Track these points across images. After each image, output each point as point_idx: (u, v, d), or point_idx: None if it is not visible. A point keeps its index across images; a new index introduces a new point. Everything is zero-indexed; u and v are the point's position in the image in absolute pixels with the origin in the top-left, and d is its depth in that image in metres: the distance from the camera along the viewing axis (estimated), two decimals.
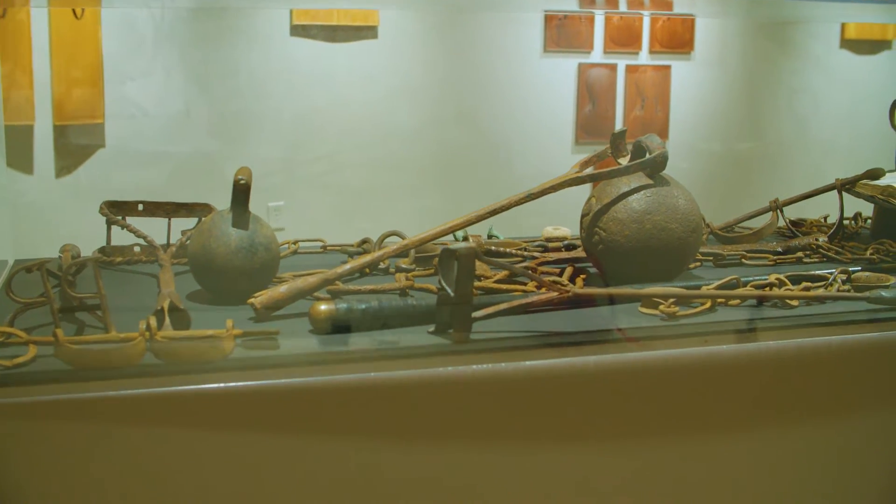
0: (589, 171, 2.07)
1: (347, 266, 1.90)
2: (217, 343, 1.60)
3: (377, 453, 1.61)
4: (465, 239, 2.46)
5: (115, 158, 4.71)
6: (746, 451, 1.85)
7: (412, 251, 2.13)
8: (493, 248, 2.29)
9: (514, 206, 2.01)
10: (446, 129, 5.69)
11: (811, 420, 1.89)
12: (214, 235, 1.92)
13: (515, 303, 1.77)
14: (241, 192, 1.92)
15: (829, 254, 2.40)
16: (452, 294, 1.71)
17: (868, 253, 2.40)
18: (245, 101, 5.10)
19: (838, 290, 2.03)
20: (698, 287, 1.98)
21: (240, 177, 1.91)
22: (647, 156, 2.07)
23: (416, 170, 5.65)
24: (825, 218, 2.78)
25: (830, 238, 2.51)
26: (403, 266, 2.15)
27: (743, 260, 2.36)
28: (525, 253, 2.28)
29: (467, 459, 1.66)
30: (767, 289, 1.98)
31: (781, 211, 2.61)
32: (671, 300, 1.86)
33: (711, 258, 2.34)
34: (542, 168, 5.92)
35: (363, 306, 1.78)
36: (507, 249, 2.29)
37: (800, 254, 2.40)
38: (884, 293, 1.95)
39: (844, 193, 2.59)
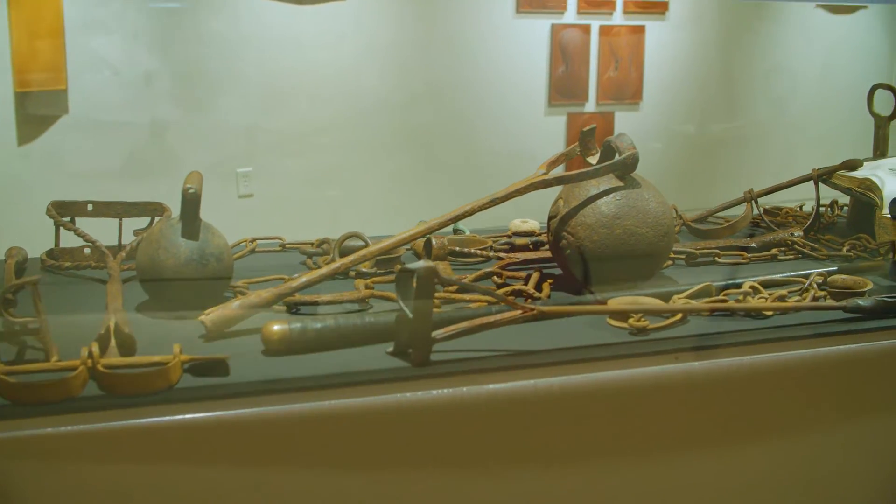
0: (558, 171, 1.98)
1: (303, 279, 1.81)
2: (163, 372, 1.51)
3: (335, 484, 1.54)
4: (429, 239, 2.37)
5: (80, 126, 4.59)
6: (719, 468, 1.79)
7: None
8: (457, 248, 2.20)
9: (478, 211, 1.93)
10: (417, 92, 5.60)
11: (786, 434, 1.83)
12: (163, 247, 1.83)
13: (477, 322, 1.69)
14: (191, 202, 1.82)
15: (805, 250, 2.33)
16: (411, 315, 1.62)
17: (844, 249, 2.32)
18: (212, 66, 4.99)
19: (814, 297, 1.95)
20: (669, 296, 1.91)
21: (189, 186, 1.82)
22: (618, 157, 1.98)
23: (387, 132, 5.56)
24: (801, 206, 2.71)
25: (806, 231, 2.44)
26: (364, 270, 2.06)
27: (716, 259, 2.28)
28: (491, 253, 2.19)
29: (428, 486, 1.59)
30: (741, 297, 1.89)
31: (756, 202, 2.53)
32: (640, 315, 1.78)
33: (684, 256, 2.26)
34: (515, 130, 5.84)
35: (318, 325, 1.70)
36: (472, 249, 2.20)
37: (775, 251, 2.32)
38: (860, 302, 1.88)
39: (821, 184, 2.50)
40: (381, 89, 5.47)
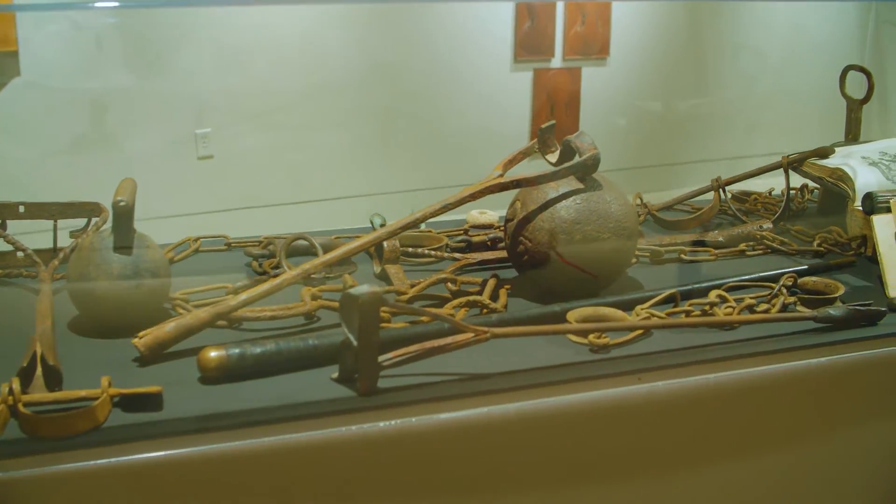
0: (520, 173, 1.88)
1: (242, 296, 1.70)
2: (89, 412, 1.40)
3: None
4: (383, 226, 2.26)
5: (31, 90, 4.47)
6: (684, 492, 1.70)
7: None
8: (409, 248, 2.09)
9: (429, 217, 1.82)
10: (381, 51, 5.47)
11: (756, 453, 1.75)
12: (94, 262, 1.71)
13: (428, 345, 1.59)
14: (122, 216, 1.71)
15: (774, 244, 2.23)
16: (355, 343, 1.52)
17: (815, 243, 2.23)
18: (169, 25, 4.81)
19: (784, 304, 1.86)
20: (632, 305, 1.81)
21: (119, 199, 1.70)
22: (578, 157, 1.87)
23: (350, 93, 5.44)
24: (770, 191, 2.62)
25: (775, 222, 2.34)
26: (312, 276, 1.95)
27: (682, 256, 2.18)
28: (445, 254, 2.09)
29: None
30: (707, 307, 1.80)
31: (724, 190, 2.43)
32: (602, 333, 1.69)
33: (649, 255, 2.17)
34: (481, 87, 5.72)
35: (258, 350, 1.59)
36: (426, 249, 2.09)
37: (743, 246, 2.23)
38: (832, 311, 1.79)
39: (791, 171, 2.41)
40: (344, 49, 5.33)
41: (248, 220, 5.17)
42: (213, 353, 1.56)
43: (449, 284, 1.93)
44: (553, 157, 1.95)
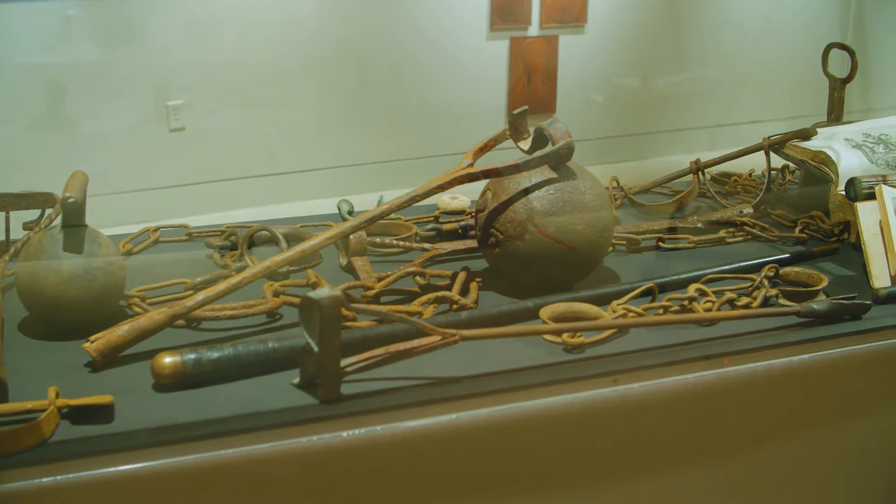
0: (490, 163, 1.79)
1: (200, 297, 1.62)
2: (34, 427, 1.32)
3: None
4: (351, 213, 2.18)
5: None
6: (662, 496, 1.63)
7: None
8: (377, 238, 2.01)
9: (395, 210, 1.74)
10: (354, 19, 5.38)
11: (737, 454, 1.69)
12: (43, 261, 1.62)
13: (393, 349, 1.51)
14: (72, 213, 1.62)
15: (755, 230, 2.16)
16: (316, 349, 1.44)
17: (797, 230, 2.16)
18: None
19: (766, 297, 1.79)
20: (608, 299, 1.75)
21: (68, 195, 1.61)
22: (551, 146, 1.79)
23: (323, 61, 5.35)
24: (750, 173, 2.54)
25: (756, 206, 2.27)
26: None
27: (660, 244, 2.11)
28: (414, 245, 2.00)
29: None
30: (686, 303, 1.73)
31: (703, 173, 2.36)
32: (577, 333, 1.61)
33: (625, 243, 2.09)
34: (457, 56, 5.61)
35: (215, 355, 1.51)
36: (394, 240, 2.01)
37: (723, 233, 2.15)
38: (815, 306, 1.72)
39: (772, 153, 2.33)
40: (317, 16, 5.24)
41: (221, 193, 5.08)
42: (167, 360, 1.49)
43: (417, 278, 1.85)
44: (525, 145, 1.87)
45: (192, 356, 1.50)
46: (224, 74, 5.13)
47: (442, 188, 1.76)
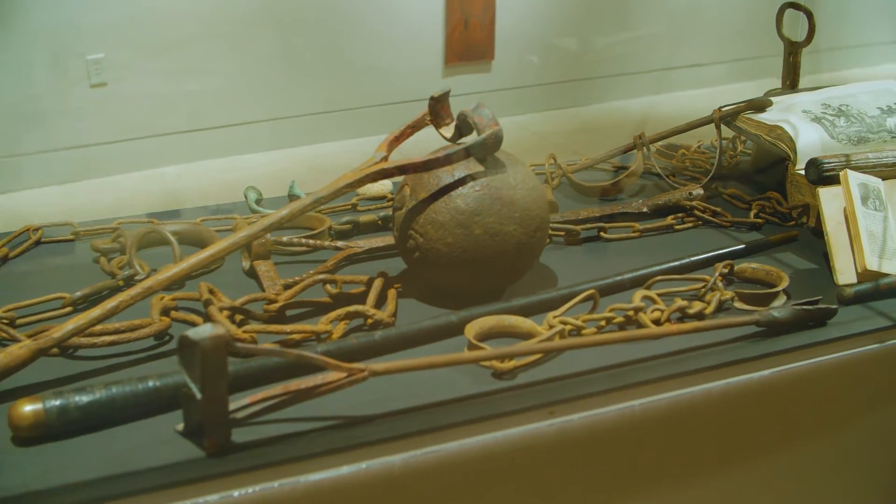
0: (406, 157, 1.57)
1: (70, 326, 1.39)
2: None
3: None
4: (258, 202, 1.95)
5: None
6: None
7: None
8: (284, 238, 1.78)
9: (297, 216, 1.51)
10: None
11: (688, 487, 1.49)
12: None
13: (293, 386, 1.29)
14: None
15: (706, 216, 1.95)
16: (199, 396, 1.22)
17: (752, 214, 1.96)
18: None
19: (720, 301, 1.59)
20: (545, 308, 1.54)
21: None
22: (476, 136, 1.56)
23: (248, 13, 5.10)
24: (699, 145, 2.33)
25: (706, 186, 2.06)
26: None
27: (601, 234, 1.90)
28: (326, 244, 1.78)
29: None
30: (632, 313, 1.52)
31: (648, 149, 2.14)
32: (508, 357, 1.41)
33: (563, 234, 1.88)
34: (390, 1, 5.36)
35: (84, 400, 1.29)
36: (302, 239, 1.78)
37: (670, 219, 1.94)
38: (775, 313, 1.52)
39: (723, 126, 2.12)
40: None
41: (147, 150, 4.87)
42: (27, 409, 1.26)
43: (328, 286, 1.62)
44: (448, 132, 1.64)
45: (57, 403, 1.27)
46: (147, 26, 4.90)
47: (351, 187, 1.54)
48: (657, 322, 1.53)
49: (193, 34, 5.02)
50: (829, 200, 1.75)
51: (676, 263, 1.74)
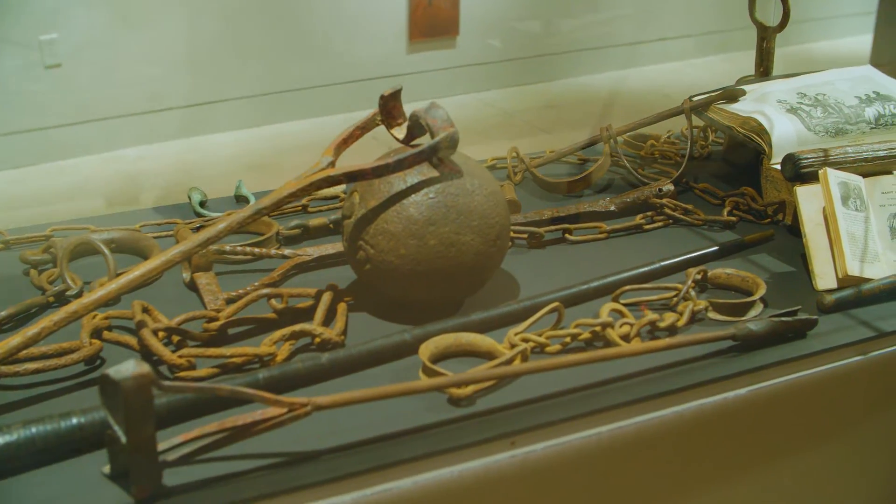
0: (356, 163, 1.45)
1: None
2: None
3: None
4: (203, 204, 1.84)
5: None
6: None
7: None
8: (227, 246, 1.67)
9: (235, 229, 1.39)
10: None
11: None
12: None
13: (229, 424, 1.18)
14: None
15: (676, 214, 1.85)
16: (124, 440, 1.10)
17: (725, 212, 1.86)
18: None
19: (693, 312, 1.49)
20: (505, 322, 1.43)
21: None
22: (430, 139, 1.45)
23: None
24: (669, 134, 2.22)
25: (677, 181, 1.96)
26: None
27: (567, 236, 1.79)
28: (273, 252, 1.66)
29: None
30: (598, 329, 1.42)
31: (615, 141, 2.03)
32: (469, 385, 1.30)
33: (526, 237, 1.77)
34: None
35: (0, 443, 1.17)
36: (246, 248, 1.66)
37: (639, 219, 1.84)
38: (752, 326, 1.42)
39: (694, 117, 2.01)
40: None
41: (104, 132, 4.74)
42: None
43: (273, 301, 1.51)
44: (401, 132, 1.53)
45: None
46: (102, 4, 4.76)
47: (294, 196, 1.42)
48: (626, 338, 1.43)
49: (150, 12, 4.88)
50: (807, 200, 1.65)
51: (646, 269, 1.63)
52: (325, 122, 5.03)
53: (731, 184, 1.98)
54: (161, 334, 1.42)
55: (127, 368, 1.08)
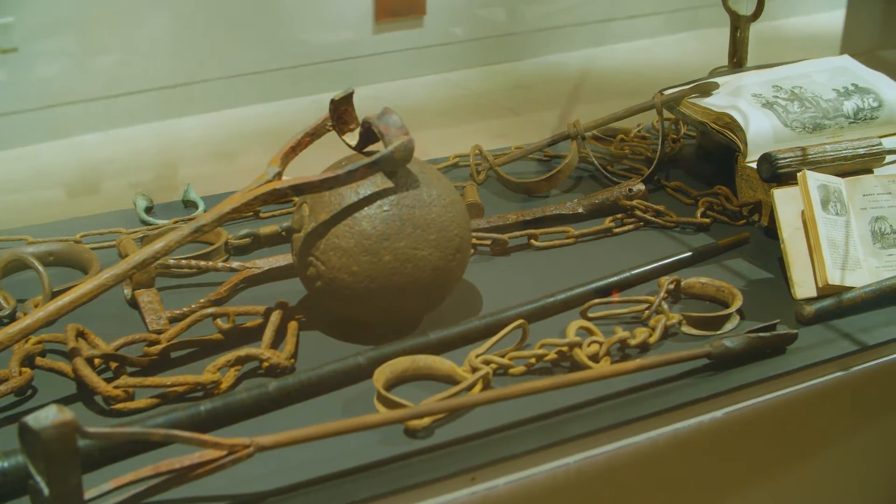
0: (305, 175, 1.35)
1: None
2: None
3: None
4: (148, 210, 1.74)
5: None
6: None
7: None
8: (171, 260, 1.56)
9: (174, 248, 1.29)
10: None
11: None
12: None
13: (164, 467, 1.08)
14: None
15: (647, 216, 1.76)
16: (46, 492, 1.01)
17: (699, 213, 1.77)
18: None
19: (665, 326, 1.40)
20: (467, 339, 1.34)
21: None
22: (383, 148, 1.35)
23: None
24: (639, 128, 2.13)
25: (647, 180, 1.87)
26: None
27: (532, 241, 1.70)
28: (220, 265, 1.56)
29: None
30: (566, 349, 1.33)
31: (583, 138, 1.94)
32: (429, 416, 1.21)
33: (489, 244, 1.67)
34: None
35: None
36: (191, 262, 1.56)
37: (609, 222, 1.75)
38: (728, 343, 1.34)
39: (665, 112, 1.92)
40: None
41: (64, 118, 4.67)
42: None
43: (219, 321, 1.41)
44: (353, 139, 1.43)
45: None
46: None
47: (237, 211, 1.32)
48: (595, 357, 1.33)
49: None
50: (785, 203, 1.56)
51: (615, 279, 1.54)
52: (288, 105, 4.92)
53: (704, 182, 1.89)
54: (97, 361, 1.32)
55: (46, 416, 0.99)
